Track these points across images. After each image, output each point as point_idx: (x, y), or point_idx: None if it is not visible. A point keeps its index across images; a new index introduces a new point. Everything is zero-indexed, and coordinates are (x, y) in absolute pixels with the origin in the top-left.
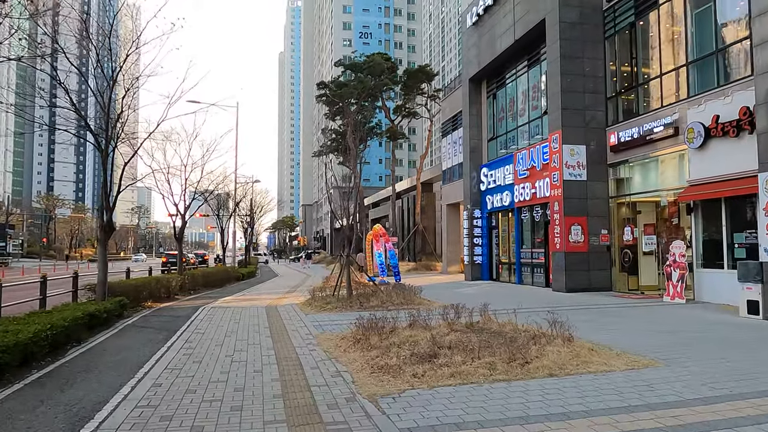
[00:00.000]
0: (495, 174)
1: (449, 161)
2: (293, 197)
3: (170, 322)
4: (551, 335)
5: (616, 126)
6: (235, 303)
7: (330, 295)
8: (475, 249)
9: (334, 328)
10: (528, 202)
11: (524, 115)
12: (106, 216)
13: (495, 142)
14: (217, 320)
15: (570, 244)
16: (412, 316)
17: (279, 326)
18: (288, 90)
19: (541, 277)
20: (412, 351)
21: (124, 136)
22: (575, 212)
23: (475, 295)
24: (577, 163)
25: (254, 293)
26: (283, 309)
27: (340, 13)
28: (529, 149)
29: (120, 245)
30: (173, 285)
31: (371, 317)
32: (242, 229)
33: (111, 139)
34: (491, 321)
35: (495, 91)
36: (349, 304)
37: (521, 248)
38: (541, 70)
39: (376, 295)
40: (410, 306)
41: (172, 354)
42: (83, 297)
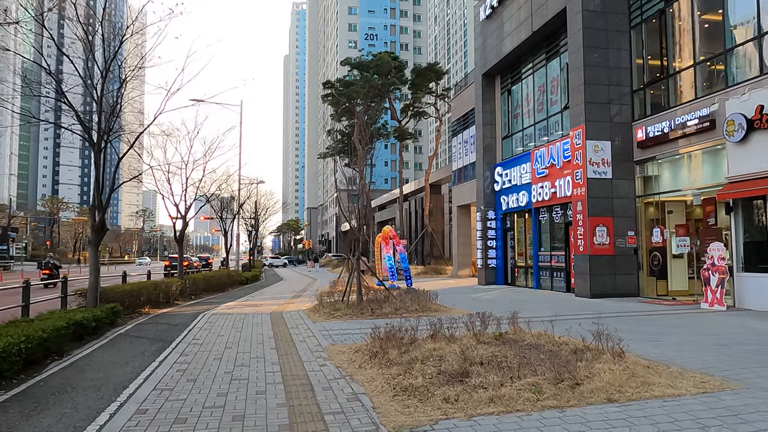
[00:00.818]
0: (510, 173)
1: (460, 161)
2: (298, 200)
3: (166, 331)
4: (597, 349)
5: (643, 120)
6: (238, 309)
7: (339, 301)
8: (488, 252)
9: (346, 338)
10: (547, 202)
11: (542, 110)
12: (98, 216)
13: (510, 140)
14: (217, 329)
15: (595, 247)
16: (433, 325)
17: (285, 336)
18: (293, 93)
19: (562, 282)
20: (438, 368)
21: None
22: (600, 212)
23: (493, 301)
24: (601, 160)
25: (258, 298)
26: (288, 316)
27: (346, 15)
28: (548, 146)
29: (124, 249)
30: (173, 290)
31: (387, 327)
32: (246, 232)
33: (104, 133)
34: (522, 332)
35: (510, 86)
36: (360, 311)
37: (539, 251)
38: (561, 62)
39: (389, 301)
40: (426, 313)
41: (163, 370)
42: (74, 303)
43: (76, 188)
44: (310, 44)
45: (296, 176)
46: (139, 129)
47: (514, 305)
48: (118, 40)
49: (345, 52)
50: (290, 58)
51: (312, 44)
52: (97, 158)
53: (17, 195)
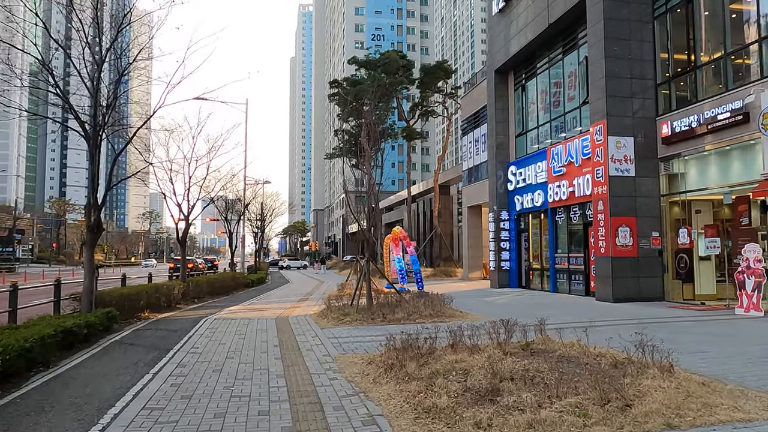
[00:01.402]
0: (524, 172)
1: (470, 161)
2: (304, 202)
3: (164, 338)
4: (640, 363)
5: (668, 115)
6: (242, 314)
7: (348, 305)
8: (502, 254)
9: (357, 347)
10: (564, 201)
11: (559, 106)
12: (94, 215)
13: (524, 137)
14: (219, 335)
15: (617, 248)
16: (453, 333)
17: (291, 344)
18: (299, 94)
19: (580, 285)
20: (464, 384)
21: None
22: (623, 212)
23: (509, 305)
24: (624, 157)
25: (264, 302)
26: (295, 321)
27: (353, 15)
28: (566, 143)
29: (130, 250)
30: (175, 293)
31: (402, 334)
32: (252, 234)
33: (99, 127)
34: (551, 341)
35: (524, 82)
36: (371, 317)
37: (556, 253)
38: (579, 56)
39: (401, 305)
40: (441, 319)
41: (156, 384)
42: (68, 308)
43: (84, 190)
44: (316, 46)
45: (303, 178)
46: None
47: (532, 310)
48: (115, 28)
49: (352, 52)
50: (296, 59)
51: (318, 46)
52: (92, 154)
53: (25, 197)
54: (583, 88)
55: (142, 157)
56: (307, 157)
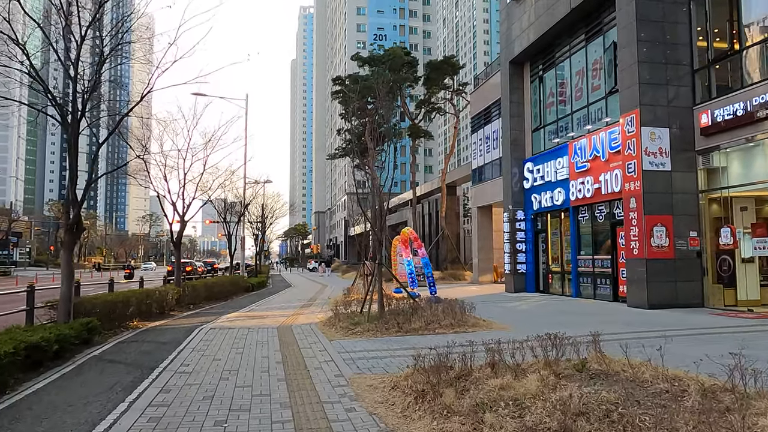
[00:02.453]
0: (543, 169)
1: (480, 159)
2: (305, 204)
3: (151, 353)
4: (744, 394)
5: (708, 104)
6: (241, 322)
7: (357, 313)
8: (517, 256)
9: (373, 364)
10: (589, 199)
11: (581, 97)
12: (73, 212)
13: (541, 132)
14: (213, 349)
15: (652, 249)
16: (490, 349)
17: (296, 360)
18: (300, 97)
19: (607, 290)
20: (521, 422)
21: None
22: (658, 210)
23: (533, 313)
24: (658, 150)
25: (264, 308)
26: (299, 330)
27: (354, 15)
28: (590, 137)
29: (130, 253)
30: (169, 299)
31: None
32: (252, 236)
33: (79, 113)
34: (608, 359)
35: (541, 73)
36: (384, 326)
37: (578, 255)
38: (605, 42)
39: (417, 313)
40: (464, 328)
41: (130, 419)
42: (44, 317)
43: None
44: (317, 47)
45: (303, 180)
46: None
47: (559, 317)
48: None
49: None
50: (297, 62)
51: (319, 47)
52: (70, 143)
53: (24, 200)
54: (610, 77)
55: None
56: (308, 159)
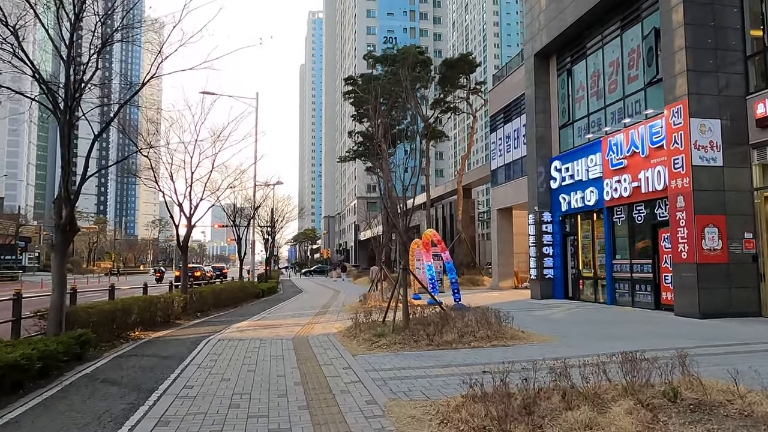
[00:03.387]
0: (572, 167)
1: (500, 159)
2: (314, 209)
3: (151, 370)
4: None
5: (763, 92)
6: (252, 332)
7: (379, 322)
8: (544, 260)
9: (409, 386)
10: (626, 199)
11: (616, 90)
12: (66, 211)
13: (570, 128)
14: (222, 365)
15: (704, 253)
16: (553, 371)
17: (317, 380)
18: (309, 101)
19: (648, 297)
20: None
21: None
22: (709, 209)
23: (572, 322)
24: (709, 143)
25: (277, 315)
26: (317, 343)
27: (364, 18)
28: (628, 131)
29: (139, 258)
30: (174, 306)
31: (479, 370)
32: (262, 241)
33: (72, 99)
34: (700, 384)
35: (569, 66)
36: (413, 338)
37: (614, 259)
38: (644, 28)
39: (449, 324)
40: (502, 341)
41: None
42: (33, 329)
43: (93, 198)
44: (326, 52)
45: (312, 185)
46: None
47: (603, 328)
48: None
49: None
50: (306, 67)
51: (329, 51)
52: (64, 134)
53: (35, 204)
54: (650, 66)
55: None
56: (317, 163)
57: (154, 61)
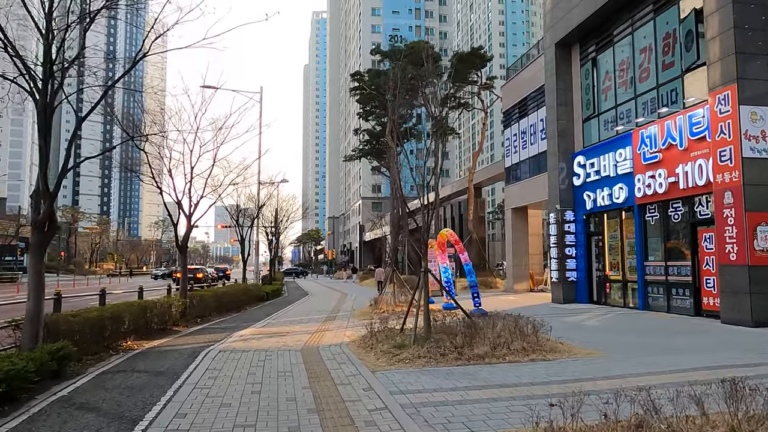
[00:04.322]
0: (597, 163)
1: (515, 156)
2: (318, 210)
3: (139, 392)
4: None
5: None
6: (256, 341)
7: (396, 330)
8: (567, 262)
9: (446, 415)
10: (661, 196)
11: (648, 78)
12: (44, 206)
13: (595, 121)
14: (222, 385)
15: (756, 254)
16: (630, 399)
17: (334, 406)
18: (313, 102)
19: (686, 302)
20: None
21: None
22: (762, 206)
23: (608, 330)
24: (761, 133)
25: (283, 321)
26: (329, 355)
27: (369, 16)
28: (663, 122)
29: (142, 259)
30: (172, 312)
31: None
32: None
33: (51, 77)
34: None
35: (594, 54)
36: (438, 351)
37: (646, 261)
38: (681, 11)
39: (479, 333)
40: (542, 355)
41: None
42: (8, 340)
43: (96, 198)
44: (330, 51)
45: (317, 186)
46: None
47: (647, 338)
48: None
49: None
50: (310, 67)
51: (333, 51)
52: (43, 119)
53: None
54: (689, 51)
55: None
56: (321, 164)
57: (147, 36)
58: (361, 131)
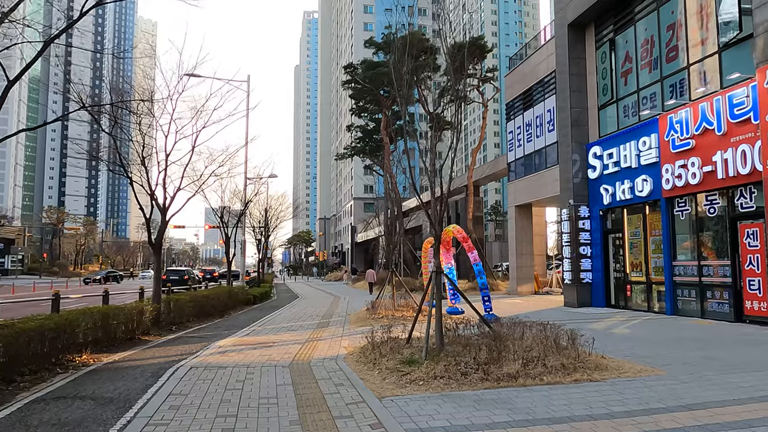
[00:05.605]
0: (617, 153)
1: (518, 150)
2: (308, 211)
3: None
4: None
5: None
6: (237, 354)
7: (402, 341)
8: (581, 262)
9: None
10: (693, 187)
11: (676, 57)
12: None
13: (613, 108)
14: (184, 421)
15: None
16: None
17: None
18: (304, 103)
19: (725, 306)
20: None
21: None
22: None
23: (648, 340)
24: None
25: (270, 328)
26: (323, 373)
27: (361, 14)
28: (697, 105)
29: (128, 261)
30: (143, 319)
31: None
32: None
33: None
34: None
35: (612, 35)
36: (458, 369)
37: (675, 260)
38: None
39: (507, 348)
40: (587, 374)
41: None
42: None
43: (83, 199)
44: (322, 51)
45: (307, 187)
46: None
47: (696, 350)
48: None
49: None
50: (301, 68)
51: (324, 51)
52: None
53: (22, 206)
54: (730, 23)
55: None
56: (312, 166)
57: None
58: (354, 128)
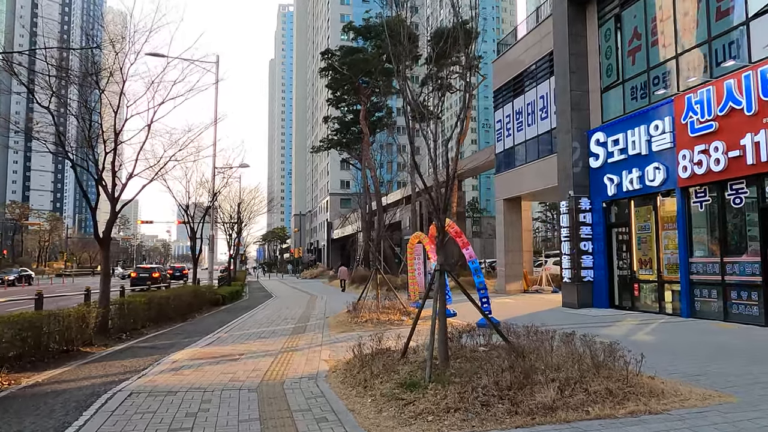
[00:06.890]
0: (623, 139)
1: (507, 141)
2: (283, 207)
3: None
4: None
5: None
6: (193, 372)
7: (395, 354)
8: (582, 259)
9: None
10: (716, 175)
11: (695, 30)
12: None
13: (618, 90)
14: None
15: None
16: None
17: None
18: (278, 98)
19: (753, 308)
20: None
21: None
22: None
23: (683, 353)
24: None
25: (238, 334)
26: (301, 401)
27: (338, 5)
28: (721, 83)
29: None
30: (86, 326)
31: None
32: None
33: None
34: None
35: (618, 10)
36: (474, 396)
37: (692, 257)
38: None
39: (533, 367)
40: (641, 402)
41: None
42: None
43: (49, 194)
44: (297, 44)
45: (282, 183)
46: None
47: (748, 363)
48: None
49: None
50: (276, 62)
51: (300, 44)
52: None
53: None
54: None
55: (41, 100)
56: (287, 161)
57: None
58: (332, 119)
